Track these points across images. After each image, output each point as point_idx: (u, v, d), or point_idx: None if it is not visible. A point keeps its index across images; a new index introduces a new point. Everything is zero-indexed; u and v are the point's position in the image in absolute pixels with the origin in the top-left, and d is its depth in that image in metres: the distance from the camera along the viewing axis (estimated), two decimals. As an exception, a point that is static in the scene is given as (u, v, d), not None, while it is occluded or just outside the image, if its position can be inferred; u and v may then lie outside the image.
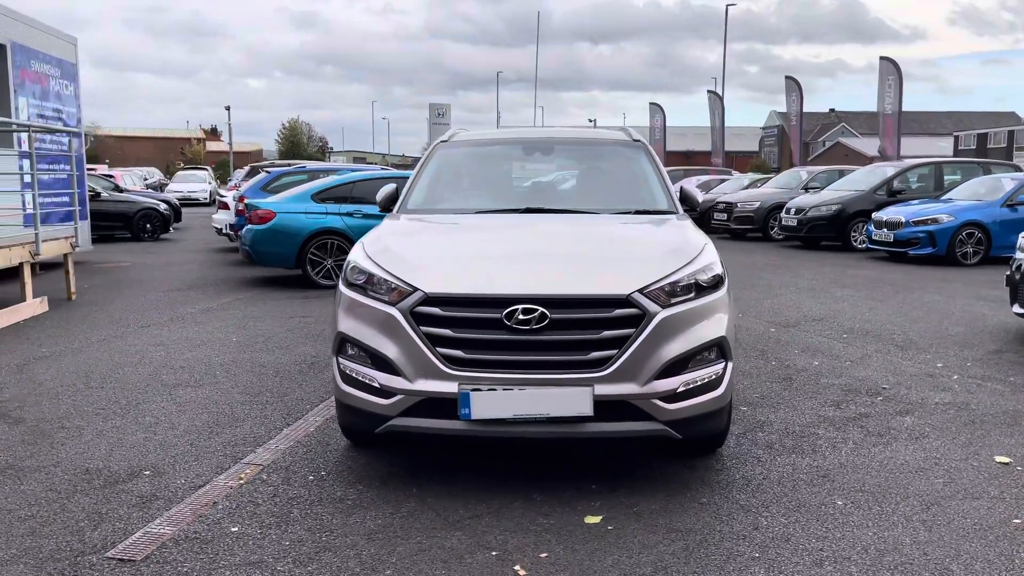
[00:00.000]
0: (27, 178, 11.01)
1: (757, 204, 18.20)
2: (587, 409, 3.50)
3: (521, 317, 3.49)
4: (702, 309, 3.72)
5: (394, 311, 3.61)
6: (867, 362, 6.43)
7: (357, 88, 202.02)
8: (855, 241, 15.60)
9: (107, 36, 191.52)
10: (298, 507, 3.60)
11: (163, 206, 17.89)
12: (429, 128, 60.15)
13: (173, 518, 3.48)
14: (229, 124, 61.63)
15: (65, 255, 9.44)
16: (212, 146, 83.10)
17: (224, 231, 14.81)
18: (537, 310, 3.50)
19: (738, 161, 67.09)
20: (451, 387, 3.51)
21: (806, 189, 18.24)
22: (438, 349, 3.55)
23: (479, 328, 3.54)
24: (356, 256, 3.96)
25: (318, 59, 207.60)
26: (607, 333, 3.54)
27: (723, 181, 22.94)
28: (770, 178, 21.39)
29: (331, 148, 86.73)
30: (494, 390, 3.49)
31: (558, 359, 3.53)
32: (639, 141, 5.31)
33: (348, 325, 3.79)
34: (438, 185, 5.09)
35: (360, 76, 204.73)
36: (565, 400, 3.50)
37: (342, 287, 3.92)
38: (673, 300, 3.65)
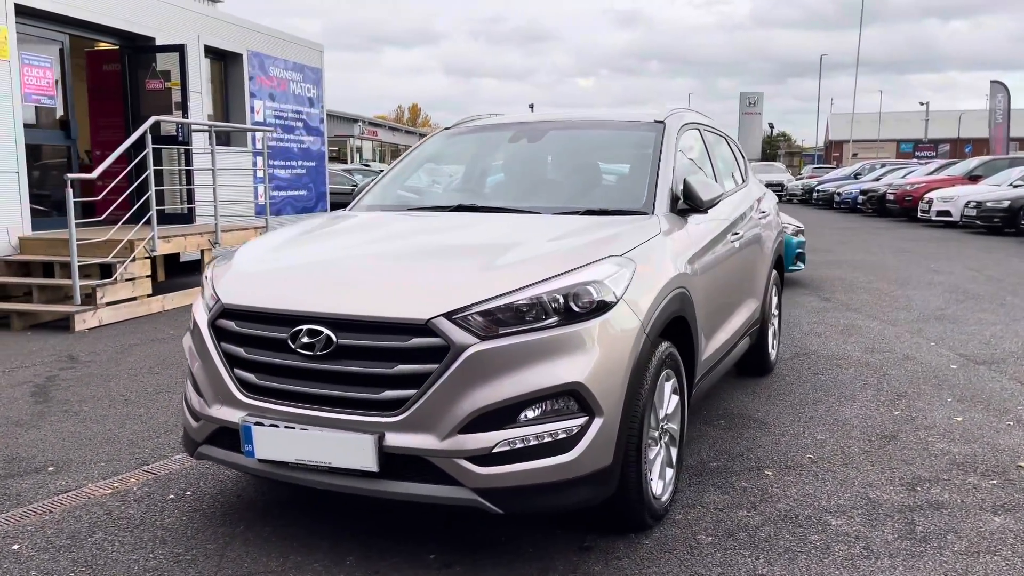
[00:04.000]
0: (259, 173, 12.18)
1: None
2: (370, 463, 2.75)
3: (304, 340, 2.85)
4: (555, 342, 2.76)
5: (202, 322, 3.16)
6: (1043, 424, 4.59)
7: (681, 82, 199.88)
8: None
9: (456, 46, 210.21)
10: (105, 531, 3.29)
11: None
12: (739, 118, 57.32)
13: (-7, 523, 3.38)
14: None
15: (257, 245, 10.20)
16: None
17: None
18: (322, 332, 2.83)
19: None
20: (239, 417, 2.97)
21: None
22: (235, 371, 3.03)
23: (268, 349, 2.95)
24: (214, 260, 3.57)
25: (642, 56, 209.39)
26: (402, 368, 2.75)
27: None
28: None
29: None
30: (276, 426, 2.88)
31: (347, 396, 2.81)
32: (660, 123, 4.22)
33: (187, 338, 3.41)
34: (402, 177, 4.47)
35: (684, 70, 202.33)
36: (347, 448, 2.78)
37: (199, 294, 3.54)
38: (505, 329, 2.74)
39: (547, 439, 2.74)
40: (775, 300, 5.83)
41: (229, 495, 3.66)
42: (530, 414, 2.75)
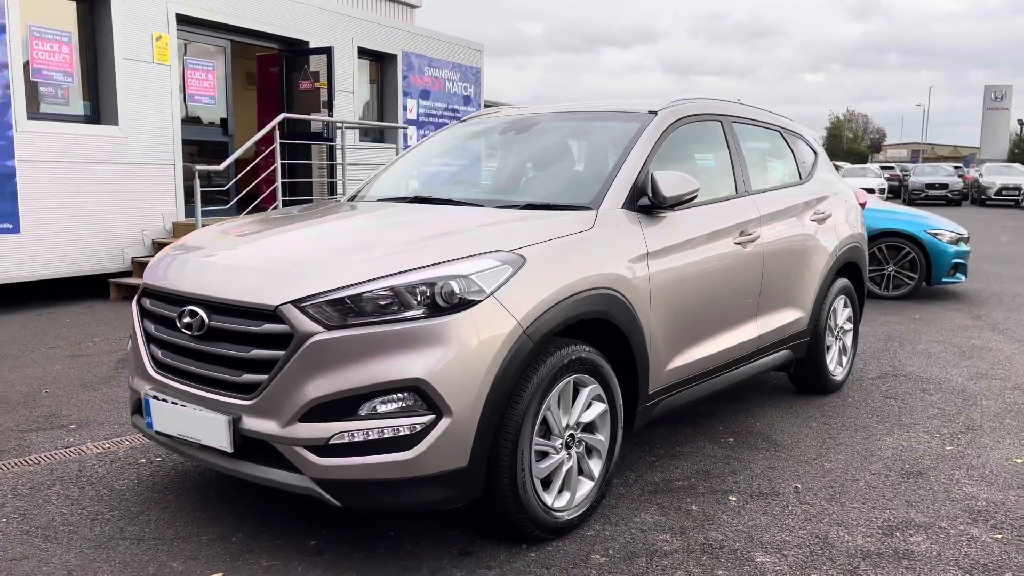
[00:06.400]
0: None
1: None
2: (225, 443, 2.81)
3: (186, 320, 2.96)
4: (408, 336, 2.66)
5: (133, 300, 3.39)
6: None
7: (925, 75, 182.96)
8: None
9: (674, 44, 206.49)
10: (63, 485, 3.59)
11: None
12: (982, 114, 51.32)
13: (-18, 470, 3.82)
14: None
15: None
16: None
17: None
18: (198, 313, 2.93)
19: None
20: (144, 390, 3.16)
21: None
22: (151, 346, 3.22)
23: (165, 327, 3.11)
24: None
25: (879, 48, 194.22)
26: (256, 352, 2.78)
27: None
28: None
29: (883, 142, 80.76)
30: (166, 401, 3.03)
31: (215, 377, 2.90)
32: (653, 114, 3.92)
33: None
34: (401, 168, 4.48)
35: (927, 63, 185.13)
36: (209, 428, 2.86)
37: None
38: (355, 319, 2.69)
39: (388, 435, 2.66)
40: (845, 312, 5.23)
41: (190, 463, 3.88)
42: (380, 408, 2.68)
